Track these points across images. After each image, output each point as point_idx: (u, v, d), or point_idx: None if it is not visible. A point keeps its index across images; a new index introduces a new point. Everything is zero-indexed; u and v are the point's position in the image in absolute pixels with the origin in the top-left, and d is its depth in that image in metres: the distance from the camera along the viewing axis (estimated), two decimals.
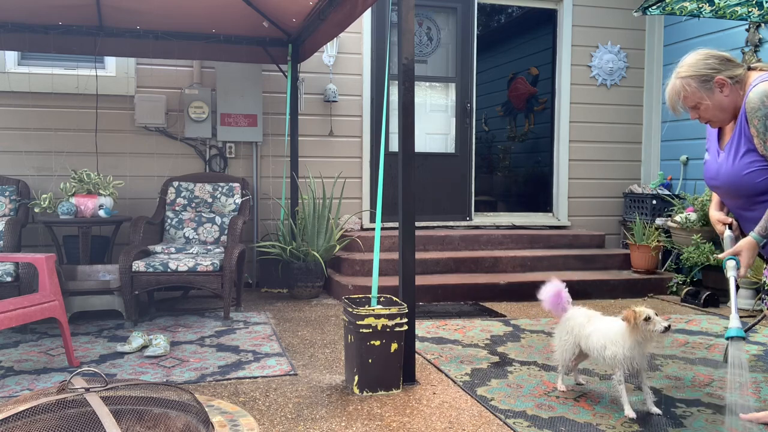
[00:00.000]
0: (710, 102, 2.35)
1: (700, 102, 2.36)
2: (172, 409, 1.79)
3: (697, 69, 2.35)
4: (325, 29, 4.69)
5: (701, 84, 2.34)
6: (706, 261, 5.34)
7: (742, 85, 2.36)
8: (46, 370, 3.40)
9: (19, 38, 4.98)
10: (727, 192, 2.49)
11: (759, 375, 3.38)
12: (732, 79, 2.34)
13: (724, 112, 2.38)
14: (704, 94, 2.35)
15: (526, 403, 2.94)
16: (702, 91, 2.35)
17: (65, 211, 4.73)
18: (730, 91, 2.35)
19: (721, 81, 2.33)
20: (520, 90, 8.49)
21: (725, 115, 2.39)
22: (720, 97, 2.35)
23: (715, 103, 2.36)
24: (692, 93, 2.36)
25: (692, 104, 2.38)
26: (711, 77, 2.33)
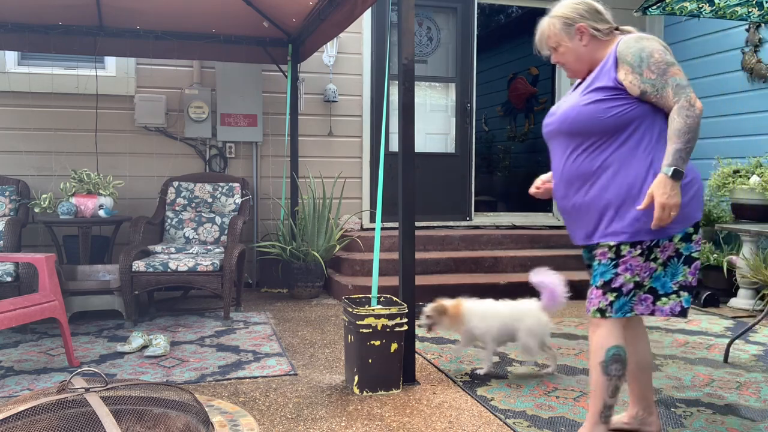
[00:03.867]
0: (568, 45, 2.30)
1: (560, 44, 2.32)
2: (172, 409, 1.79)
3: (565, 11, 2.31)
4: (325, 29, 4.69)
5: (564, 27, 2.29)
6: (706, 261, 5.34)
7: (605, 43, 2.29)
8: (46, 370, 3.40)
9: (19, 38, 4.98)
10: (559, 130, 2.31)
11: (759, 375, 3.38)
12: (595, 31, 2.27)
13: (580, 62, 2.32)
14: (565, 37, 2.30)
15: (526, 403, 2.94)
16: (563, 34, 2.30)
17: (65, 211, 4.73)
18: (589, 42, 2.29)
19: (582, 28, 2.28)
20: (520, 90, 8.49)
21: (580, 65, 2.33)
22: (578, 45, 2.30)
23: (572, 49, 2.30)
24: (554, 34, 2.32)
25: (553, 45, 2.34)
26: (575, 22, 2.28)
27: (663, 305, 2.26)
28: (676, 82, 2.13)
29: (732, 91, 5.84)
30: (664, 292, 2.25)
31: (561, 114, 2.30)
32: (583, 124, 2.22)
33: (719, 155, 5.78)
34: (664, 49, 2.18)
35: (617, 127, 2.19)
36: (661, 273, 2.23)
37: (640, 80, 2.15)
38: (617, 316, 2.23)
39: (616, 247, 2.19)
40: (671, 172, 2.06)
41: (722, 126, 5.94)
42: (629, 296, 2.22)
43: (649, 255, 2.20)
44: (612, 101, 2.18)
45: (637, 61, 2.15)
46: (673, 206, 2.06)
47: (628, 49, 2.18)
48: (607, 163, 2.21)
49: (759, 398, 3.03)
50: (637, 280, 2.21)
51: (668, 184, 2.06)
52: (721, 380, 3.29)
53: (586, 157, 2.24)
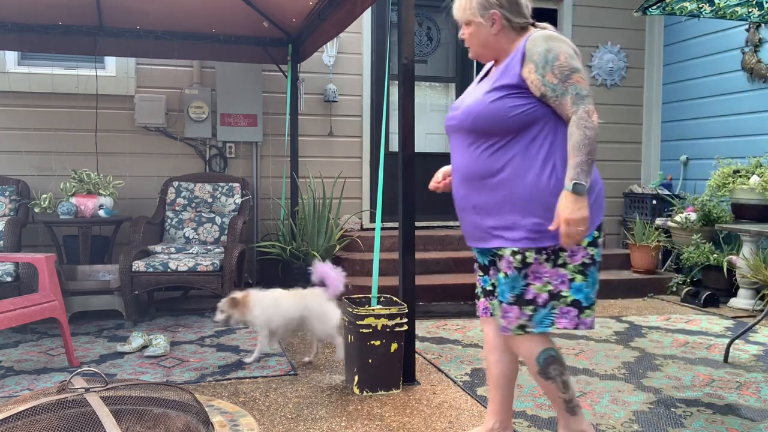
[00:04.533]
0: (478, 28, 2.19)
1: (471, 21, 2.19)
2: (172, 409, 1.79)
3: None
4: (325, 29, 4.68)
5: (480, 8, 2.17)
6: (706, 261, 5.34)
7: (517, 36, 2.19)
8: (46, 370, 3.40)
9: (19, 38, 4.98)
10: (461, 126, 2.22)
11: (759, 375, 3.38)
12: (508, 22, 2.16)
13: (485, 47, 2.22)
14: (478, 17, 2.18)
15: (526, 403, 2.94)
16: (477, 14, 2.17)
17: (65, 211, 4.73)
18: (499, 32, 2.17)
19: (495, 16, 2.16)
20: None
21: (484, 51, 2.23)
22: (487, 31, 2.18)
23: (480, 33, 2.19)
24: (470, 9, 2.19)
25: (466, 20, 2.21)
26: (491, 7, 2.16)
27: (586, 318, 2.15)
28: (577, 90, 2.04)
29: (732, 91, 5.84)
30: (588, 304, 2.15)
31: (464, 109, 2.20)
32: (486, 123, 2.13)
33: (719, 155, 5.78)
34: (573, 53, 2.09)
35: (521, 127, 2.10)
36: (583, 284, 2.13)
37: (542, 82, 2.06)
38: (540, 330, 2.13)
39: (521, 255, 2.10)
40: (572, 187, 1.99)
41: (722, 126, 5.94)
42: (548, 308, 2.12)
43: (557, 260, 2.10)
44: (516, 99, 2.09)
45: (542, 62, 2.06)
46: (578, 221, 1.99)
47: (536, 47, 2.08)
48: (508, 164, 2.11)
49: (759, 398, 3.03)
50: (550, 288, 2.11)
51: (571, 199, 1.99)
52: (721, 380, 3.29)
53: (488, 156, 2.15)
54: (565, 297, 2.12)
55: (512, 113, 2.09)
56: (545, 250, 2.10)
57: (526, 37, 2.14)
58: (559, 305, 2.13)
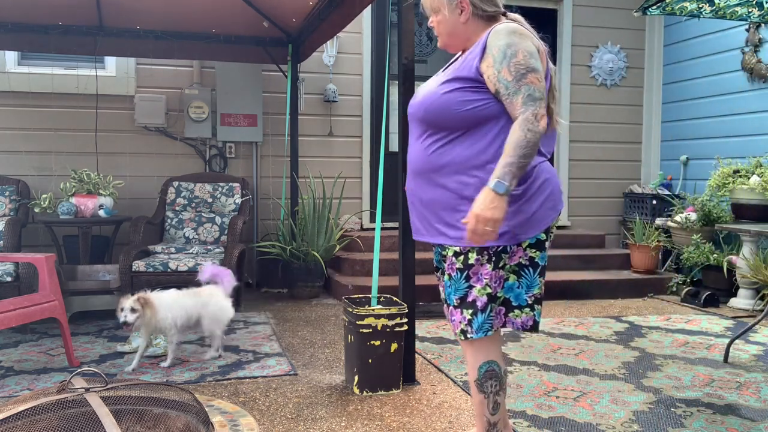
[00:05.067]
0: (447, 16, 2.11)
1: (440, 10, 2.12)
2: (172, 409, 1.79)
3: None
4: (325, 29, 4.68)
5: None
6: (706, 261, 5.34)
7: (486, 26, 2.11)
8: (46, 370, 3.40)
9: (19, 38, 4.98)
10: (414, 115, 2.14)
11: (759, 375, 3.38)
12: (477, 9, 2.08)
13: (453, 36, 2.14)
14: (446, 5, 2.10)
15: (526, 403, 2.94)
16: (445, 2, 2.10)
17: (65, 211, 4.73)
18: (468, 20, 2.10)
19: (464, 3, 2.09)
20: None
21: (452, 40, 2.15)
22: (456, 19, 2.10)
23: (449, 21, 2.11)
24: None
25: (435, 8, 2.14)
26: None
27: (515, 317, 2.10)
28: (529, 92, 1.93)
29: (732, 91, 5.84)
30: (518, 304, 2.10)
31: (422, 97, 2.10)
32: (436, 115, 2.03)
33: (719, 155, 5.78)
34: (534, 51, 1.99)
35: (472, 123, 2.00)
36: (515, 284, 2.08)
37: (497, 78, 1.96)
38: (478, 336, 2.04)
39: (463, 255, 2.03)
40: (494, 185, 1.86)
41: (722, 126, 5.95)
42: (486, 312, 2.04)
43: (498, 262, 2.03)
44: (470, 94, 2.00)
45: (500, 57, 1.96)
46: (488, 220, 1.85)
47: (497, 41, 1.98)
48: (457, 159, 2.02)
49: (759, 398, 3.03)
50: (489, 291, 2.03)
51: (489, 197, 1.86)
52: (721, 380, 3.29)
53: (436, 150, 2.06)
54: (499, 297, 2.08)
55: (463, 108, 1.99)
56: (487, 251, 2.02)
57: (490, 29, 2.05)
58: (495, 307, 2.07)
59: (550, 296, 5.36)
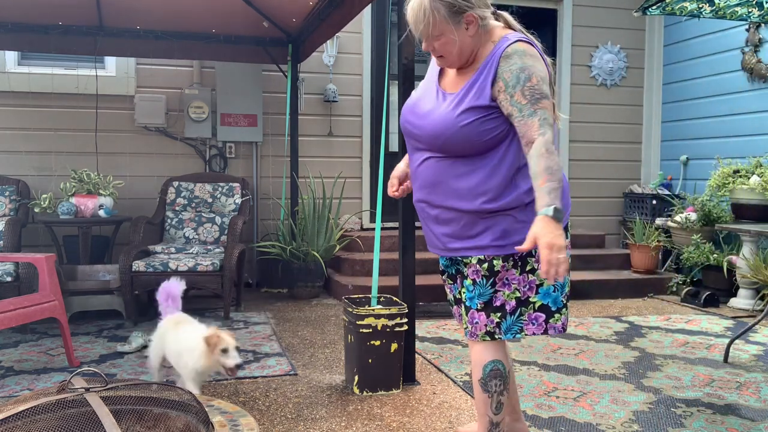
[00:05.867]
0: (453, 37, 2.02)
1: (443, 33, 2.02)
2: (172, 409, 1.79)
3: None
4: (325, 29, 4.68)
5: (451, 14, 1.99)
6: (706, 261, 5.34)
7: (487, 35, 2.07)
8: (46, 370, 3.40)
9: (19, 38, 4.98)
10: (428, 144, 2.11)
11: (759, 375, 3.38)
12: (481, 20, 2.03)
13: (461, 55, 2.06)
14: (451, 26, 2.00)
15: (526, 403, 2.94)
16: (449, 22, 2.00)
17: (65, 211, 4.73)
18: (476, 33, 2.03)
19: (471, 18, 2.01)
20: None
21: (462, 58, 2.07)
22: (465, 35, 2.02)
23: (458, 41, 2.03)
24: (439, 21, 1.99)
25: (435, 34, 2.03)
26: (463, 10, 2.00)
27: (555, 322, 2.12)
28: (545, 116, 1.95)
29: (732, 91, 5.84)
30: (557, 308, 2.11)
31: (434, 126, 2.07)
32: (458, 146, 2.04)
33: (719, 155, 5.78)
34: (545, 76, 2.00)
35: (491, 147, 2.04)
36: (551, 288, 2.09)
37: (510, 102, 1.97)
38: (507, 338, 2.09)
39: (487, 263, 2.05)
40: (552, 213, 1.84)
41: (722, 126, 5.95)
42: (515, 315, 2.08)
43: (524, 266, 2.06)
44: (489, 122, 2.01)
45: (513, 81, 1.96)
46: (561, 247, 1.84)
47: (509, 65, 1.98)
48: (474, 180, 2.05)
49: (759, 398, 3.03)
50: (518, 295, 2.07)
51: (551, 225, 1.84)
52: (721, 380, 3.29)
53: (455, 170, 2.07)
54: (533, 303, 2.09)
55: (485, 137, 2.02)
56: (512, 257, 2.05)
57: (497, 49, 2.03)
58: (527, 311, 2.09)
59: None
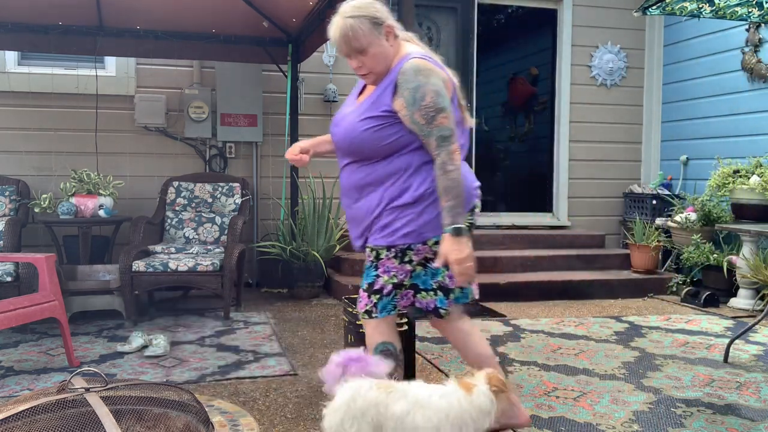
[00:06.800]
0: (378, 49, 2.19)
1: (369, 47, 2.17)
2: (172, 409, 1.79)
3: (369, 11, 2.18)
4: (325, 29, 4.68)
5: (373, 26, 2.16)
6: (706, 261, 5.34)
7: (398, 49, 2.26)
8: (46, 370, 3.40)
9: (19, 38, 4.98)
10: (339, 145, 2.40)
11: (759, 375, 3.38)
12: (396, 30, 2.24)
13: (385, 65, 2.23)
14: (375, 38, 2.17)
15: (526, 403, 2.93)
16: (373, 35, 2.16)
17: (65, 211, 4.73)
18: (393, 43, 2.23)
19: (390, 28, 2.21)
20: (520, 90, 8.48)
21: (384, 68, 2.24)
22: (386, 46, 2.21)
23: (382, 51, 2.20)
24: (363, 35, 2.15)
25: (362, 47, 2.17)
26: (381, 21, 2.18)
27: (422, 298, 2.38)
28: (441, 132, 2.15)
29: (732, 91, 5.84)
30: (424, 288, 2.37)
31: (343, 130, 2.34)
32: (361, 149, 2.28)
33: (719, 155, 5.78)
34: (441, 88, 2.16)
35: (395, 150, 2.24)
36: (422, 272, 2.35)
37: (411, 120, 2.18)
38: (382, 316, 2.34)
39: (376, 251, 2.32)
40: (453, 231, 2.13)
41: (722, 126, 5.94)
42: (390, 297, 2.34)
43: (404, 258, 2.30)
44: (388, 128, 2.22)
45: (411, 100, 2.15)
46: (466, 259, 2.15)
47: (407, 82, 2.16)
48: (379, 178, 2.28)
49: (759, 398, 3.03)
50: (395, 281, 2.32)
51: (452, 242, 2.14)
52: (721, 380, 3.29)
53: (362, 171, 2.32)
54: (405, 285, 2.36)
55: (384, 142, 2.22)
56: (394, 248, 2.29)
57: (397, 65, 2.20)
58: (400, 292, 2.36)
59: (550, 296, 5.36)
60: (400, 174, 2.26)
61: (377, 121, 2.22)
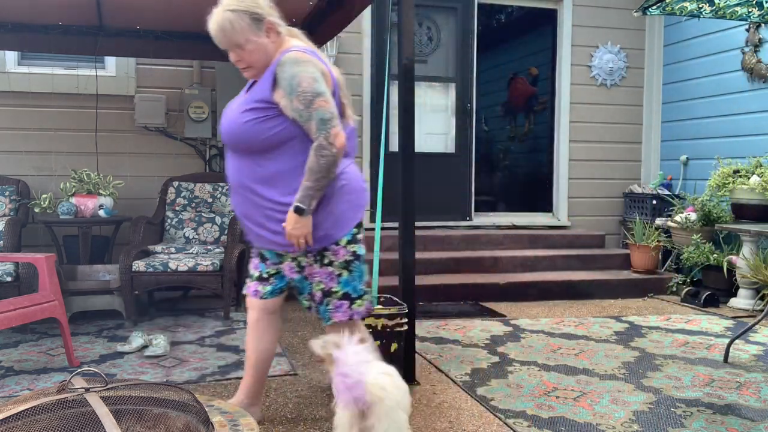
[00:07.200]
0: (258, 44, 2.23)
1: (248, 41, 2.22)
2: (172, 409, 1.79)
3: (249, 6, 2.22)
4: (325, 29, 4.68)
5: (253, 21, 2.21)
6: (706, 261, 5.34)
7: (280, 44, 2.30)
8: (46, 370, 3.40)
9: (19, 38, 4.97)
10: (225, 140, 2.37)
11: (759, 375, 3.38)
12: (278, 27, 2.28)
13: (265, 60, 2.26)
14: (254, 34, 2.22)
15: (526, 403, 2.94)
16: (252, 30, 2.21)
17: (65, 211, 4.73)
18: (274, 40, 2.27)
19: (271, 24, 2.24)
20: (520, 90, 8.49)
21: (265, 64, 2.27)
22: (267, 42, 2.25)
23: (261, 46, 2.24)
24: (242, 29, 2.20)
25: (241, 41, 2.22)
26: (263, 17, 2.22)
27: (358, 308, 2.36)
28: (320, 116, 2.17)
29: (732, 91, 5.84)
30: (357, 295, 2.36)
31: (227, 123, 2.31)
32: (244, 141, 2.26)
33: (719, 155, 5.78)
34: (317, 75, 2.19)
35: (278, 144, 2.23)
36: (349, 277, 2.32)
37: (291, 108, 2.19)
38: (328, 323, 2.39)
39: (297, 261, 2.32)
40: (294, 208, 2.17)
41: (722, 126, 5.94)
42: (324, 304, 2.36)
43: (323, 260, 2.29)
44: (270, 120, 2.22)
45: (288, 89, 2.18)
46: (299, 236, 2.20)
47: (284, 72, 2.19)
48: (269, 175, 2.25)
49: (759, 398, 3.03)
50: (322, 287, 2.32)
51: (293, 218, 2.18)
52: (721, 380, 3.29)
53: (251, 168, 2.28)
54: (336, 292, 2.33)
55: (267, 134, 2.22)
56: (311, 253, 2.29)
57: (277, 58, 2.22)
58: (332, 300, 2.33)
59: (550, 296, 5.36)
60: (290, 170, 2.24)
61: (257, 113, 2.22)
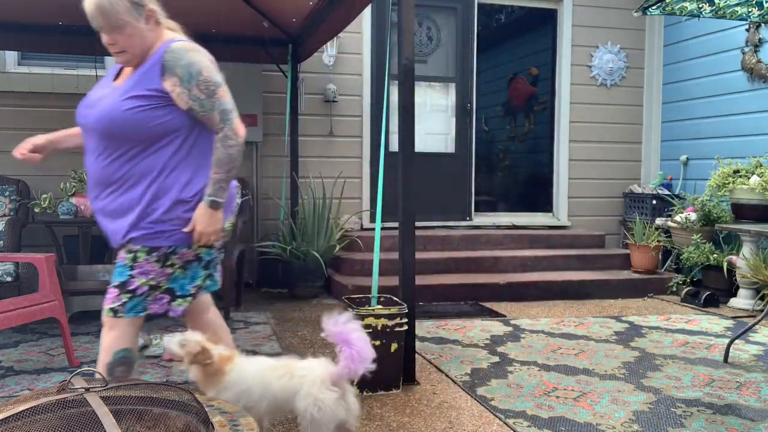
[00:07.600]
0: (136, 29, 2.14)
1: (126, 26, 2.12)
2: (172, 409, 1.79)
3: None
4: (325, 29, 4.68)
5: (133, 6, 2.13)
6: (706, 261, 5.34)
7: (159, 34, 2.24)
8: (46, 370, 3.40)
9: (19, 38, 4.98)
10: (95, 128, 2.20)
11: (759, 375, 3.38)
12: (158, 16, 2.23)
13: (143, 48, 2.18)
14: (133, 18, 2.13)
15: (526, 403, 2.94)
16: (131, 15, 2.12)
17: (65, 211, 4.73)
18: (153, 28, 2.20)
19: (152, 12, 2.19)
20: (520, 90, 8.49)
21: (141, 50, 2.18)
22: (145, 29, 2.17)
23: (140, 32, 2.15)
24: (120, 12, 2.11)
25: (117, 25, 2.11)
26: (143, 3, 2.16)
27: (178, 306, 2.28)
28: (222, 106, 2.16)
29: (732, 91, 5.84)
30: (181, 294, 2.28)
31: (100, 112, 2.18)
32: (124, 131, 2.14)
33: (719, 155, 5.78)
34: (213, 66, 2.19)
35: (160, 136, 2.16)
36: (180, 275, 2.25)
37: (189, 96, 2.13)
38: (129, 316, 2.21)
39: (133, 254, 2.19)
40: (209, 203, 2.15)
41: (722, 126, 5.94)
42: (143, 297, 2.21)
43: (166, 261, 2.21)
44: (157, 110, 2.14)
45: (187, 77, 2.13)
46: (212, 233, 2.18)
47: (177, 60, 2.13)
48: (140, 169, 2.17)
49: (759, 398, 3.03)
50: (153, 283, 2.22)
51: (208, 213, 2.16)
52: (721, 380, 3.29)
53: (120, 162, 2.18)
54: (161, 287, 2.24)
55: (152, 123, 2.13)
56: (157, 252, 2.19)
57: (162, 47, 2.17)
58: (154, 294, 2.23)
59: (550, 296, 5.36)
60: (164, 169, 2.17)
61: (143, 101, 2.13)
